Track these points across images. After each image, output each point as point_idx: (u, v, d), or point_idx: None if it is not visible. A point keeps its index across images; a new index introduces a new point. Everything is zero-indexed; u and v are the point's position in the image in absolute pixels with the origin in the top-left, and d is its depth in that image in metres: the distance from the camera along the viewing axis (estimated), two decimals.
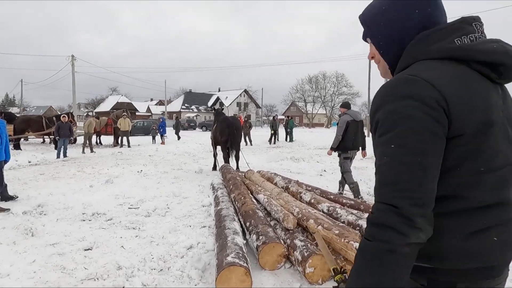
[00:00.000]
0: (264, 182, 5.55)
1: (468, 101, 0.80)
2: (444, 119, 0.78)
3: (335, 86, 64.55)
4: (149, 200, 5.76)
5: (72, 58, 33.13)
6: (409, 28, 0.92)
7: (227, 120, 8.40)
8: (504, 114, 0.87)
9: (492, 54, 0.84)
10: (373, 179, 1.96)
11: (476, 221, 0.82)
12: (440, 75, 0.82)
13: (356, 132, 5.83)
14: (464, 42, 0.86)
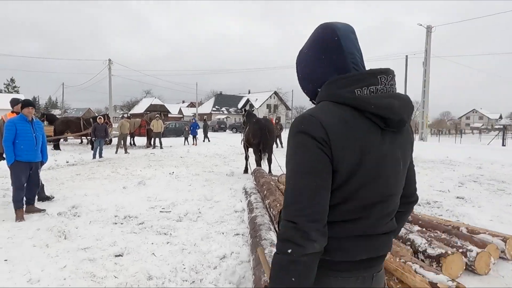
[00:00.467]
0: None
1: (347, 143, 0.94)
2: (329, 153, 0.93)
3: None
4: (181, 204, 5.64)
5: (109, 62, 34.39)
6: (320, 72, 1.08)
7: (260, 122, 8.18)
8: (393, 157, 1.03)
9: (382, 110, 0.97)
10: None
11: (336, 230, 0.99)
12: (334, 119, 0.96)
13: None
14: (363, 93, 0.98)
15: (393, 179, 1.06)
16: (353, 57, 1.07)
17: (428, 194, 6.82)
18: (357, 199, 1.00)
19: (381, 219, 1.07)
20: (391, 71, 1.05)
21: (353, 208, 1.01)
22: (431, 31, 24.35)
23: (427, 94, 25.00)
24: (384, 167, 1.02)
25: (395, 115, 0.99)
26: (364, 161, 0.97)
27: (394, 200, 1.09)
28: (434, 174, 9.21)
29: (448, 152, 14.87)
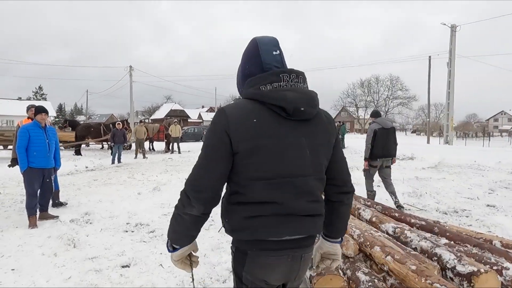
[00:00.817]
0: None
1: (243, 128, 1.17)
2: (227, 140, 1.17)
3: (389, 89, 61.41)
4: None
5: (130, 69, 35.10)
6: (243, 75, 1.34)
7: None
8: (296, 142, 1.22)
9: (278, 100, 1.18)
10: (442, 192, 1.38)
11: (250, 210, 1.21)
12: (237, 110, 1.20)
13: (387, 140, 5.78)
14: (267, 89, 1.20)
15: (298, 161, 1.22)
16: (268, 67, 1.27)
17: (456, 201, 6.41)
18: (264, 178, 1.19)
19: (295, 199, 1.22)
20: (294, 70, 1.25)
21: (262, 188, 1.19)
22: (456, 30, 23.48)
23: (452, 96, 24.08)
24: (285, 150, 1.20)
25: (289, 104, 1.17)
26: (261, 144, 1.17)
27: (306, 181, 1.24)
28: (461, 180, 8.71)
29: (476, 156, 14.15)
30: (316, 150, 1.27)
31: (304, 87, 1.26)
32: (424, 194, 6.96)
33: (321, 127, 1.30)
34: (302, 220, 1.23)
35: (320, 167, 1.29)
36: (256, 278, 1.25)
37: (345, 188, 1.38)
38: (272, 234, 1.21)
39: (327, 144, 1.31)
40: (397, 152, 15.11)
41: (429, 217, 5.30)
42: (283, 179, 1.20)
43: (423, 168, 11.17)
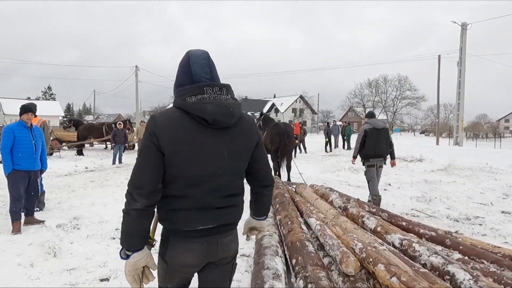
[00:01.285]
0: (318, 200, 4.69)
1: (168, 134, 1.36)
2: (156, 142, 1.36)
3: (398, 90, 60.49)
4: None
5: (135, 68, 35.08)
6: (176, 84, 1.52)
7: (278, 126, 7.66)
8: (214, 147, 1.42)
9: (199, 112, 1.37)
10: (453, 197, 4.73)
11: (172, 204, 1.43)
12: (165, 118, 1.40)
13: (377, 140, 5.78)
14: (191, 101, 1.38)
15: (216, 164, 1.43)
16: (198, 78, 1.44)
17: (467, 207, 6.02)
18: (184, 177, 1.40)
19: (210, 194, 1.43)
20: (218, 84, 1.44)
21: (183, 185, 1.40)
22: (466, 28, 22.89)
23: (463, 96, 23.48)
24: (204, 154, 1.40)
25: (208, 116, 1.37)
26: (183, 149, 1.37)
27: (222, 180, 1.45)
28: (473, 184, 8.30)
29: (488, 158, 13.66)
30: (235, 154, 1.48)
31: (226, 99, 1.44)
32: (434, 199, 6.58)
33: (241, 133, 1.51)
34: (216, 212, 1.46)
35: (238, 168, 1.53)
36: (176, 261, 1.46)
37: (265, 182, 1.68)
38: (188, 225, 1.43)
39: (246, 148, 1.54)
40: (405, 154, 14.72)
41: (439, 224, 4.94)
42: (201, 178, 1.43)
43: (432, 171, 10.76)
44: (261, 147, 1.62)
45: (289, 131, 7.74)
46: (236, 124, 1.48)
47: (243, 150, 1.52)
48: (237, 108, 1.47)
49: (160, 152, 1.37)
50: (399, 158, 14.16)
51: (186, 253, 1.45)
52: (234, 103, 1.46)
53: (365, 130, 5.88)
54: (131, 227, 1.38)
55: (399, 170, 10.80)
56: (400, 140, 32.11)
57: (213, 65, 1.53)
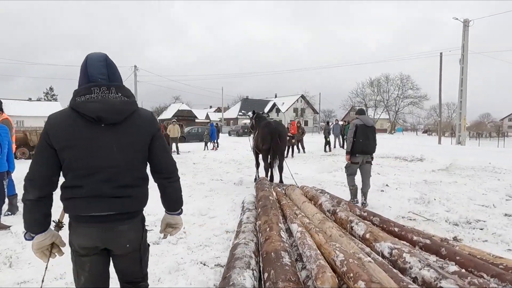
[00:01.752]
0: (305, 204, 4.35)
1: (58, 132, 1.54)
2: (48, 140, 1.55)
3: (400, 89, 59.91)
4: None
5: (134, 68, 34.82)
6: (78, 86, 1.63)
7: (270, 125, 7.30)
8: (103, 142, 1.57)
9: (85, 110, 1.52)
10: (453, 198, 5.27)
11: (68, 193, 1.59)
12: (58, 116, 1.58)
13: (367, 137, 5.82)
14: (80, 100, 1.53)
15: (104, 156, 1.58)
16: (94, 78, 1.59)
17: (468, 209, 5.66)
18: (76, 169, 1.56)
19: (102, 184, 1.58)
20: (105, 84, 1.57)
21: (76, 176, 1.57)
22: (468, 25, 22.44)
23: (465, 94, 23.03)
24: (94, 148, 1.56)
25: (92, 114, 1.52)
26: (73, 144, 1.54)
27: (113, 171, 1.60)
28: (474, 184, 7.92)
29: (491, 157, 13.25)
30: (125, 148, 1.61)
31: (115, 97, 1.57)
32: (433, 201, 6.21)
33: (133, 128, 1.63)
34: (108, 201, 1.59)
35: (130, 161, 1.64)
36: (76, 244, 1.63)
37: (165, 174, 1.78)
38: (81, 211, 1.59)
39: (139, 141, 1.66)
40: (406, 153, 14.33)
41: (437, 229, 4.59)
42: (92, 169, 1.56)
43: (433, 171, 10.37)
44: (158, 140, 1.74)
45: (281, 130, 7.38)
46: (127, 120, 1.61)
47: (135, 144, 1.65)
48: (127, 105, 1.61)
49: (52, 149, 1.56)
50: (399, 158, 13.82)
51: (83, 236, 1.63)
52: (122, 101, 1.59)
53: (356, 125, 5.87)
54: (28, 215, 1.58)
55: (398, 170, 10.45)
56: (402, 140, 31.71)
57: (111, 66, 1.65)
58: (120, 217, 1.62)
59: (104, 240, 1.62)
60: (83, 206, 1.58)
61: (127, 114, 1.60)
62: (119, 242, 1.65)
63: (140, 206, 1.71)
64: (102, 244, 1.64)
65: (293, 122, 15.00)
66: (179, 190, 1.89)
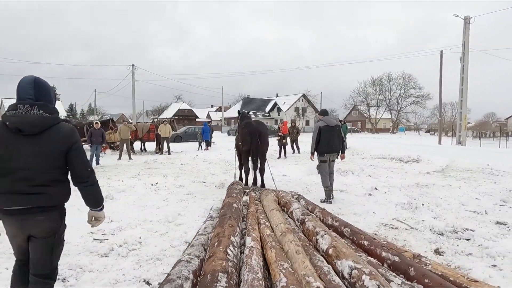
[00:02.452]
0: (273, 212, 3.97)
1: None
2: None
3: (402, 88, 59.29)
4: (131, 228, 4.54)
5: (132, 68, 34.57)
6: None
7: (250, 125, 6.92)
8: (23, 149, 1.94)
9: (9, 122, 1.91)
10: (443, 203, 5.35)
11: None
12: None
13: (331, 137, 6.12)
14: (8, 114, 1.93)
15: (20, 160, 1.93)
16: (22, 97, 1.97)
17: (458, 216, 5.26)
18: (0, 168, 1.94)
19: (18, 183, 1.93)
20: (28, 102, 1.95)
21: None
22: (469, 22, 21.91)
23: (465, 93, 22.50)
24: (12, 152, 1.92)
25: (12, 125, 1.91)
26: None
27: (29, 173, 1.94)
28: (469, 188, 7.50)
29: (490, 158, 12.79)
30: (40, 154, 1.97)
31: (36, 114, 1.95)
32: (421, 207, 5.82)
33: (49, 139, 1.99)
34: (23, 197, 1.94)
35: (45, 165, 1.99)
36: (6, 231, 2.10)
37: (79, 179, 2.14)
38: (4, 205, 1.97)
39: (54, 151, 2.01)
40: (401, 153, 13.90)
41: (419, 239, 4.21)
42: (9, 170, 1.93)
43: (427, 173, 9.96)
44: (75, 151, 2.08)
45: (262, 130, 6.98)
46: (45, 132, 1.98)
47: (49, 152, 1.99)
48: (45, 120, 1.97)
49: None
50: (394, 159, 13.39)
51: (8, 226, 2.06)
52: (41, 116, 1.96)
53: (319, 127, 6.16)
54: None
55: (391, 172, 10.04)
56: (402, 140, 31.19)
57: (40, 88, 2.03)
58: (35, 210, 1.98)
59: (25, 229, 2.03)
60: (4, 201, 1.96)
61: (45, 128, 1.98)
62: (38, 230, 2.03)
63: (56, 202, 2.07)
64: (24, 232, 2.04)
65: (284, 122, 14.61)
66: (95, 192, 2.23)
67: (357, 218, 5.27)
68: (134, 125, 16.67)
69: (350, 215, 5.49)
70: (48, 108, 2.00)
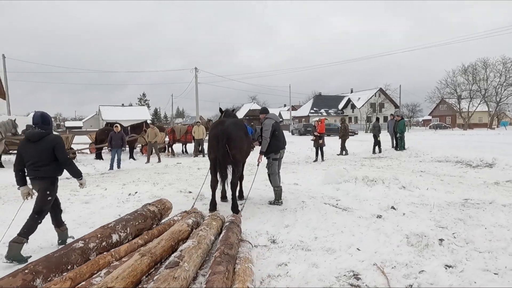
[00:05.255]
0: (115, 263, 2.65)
1: (19, 146, 3.96)
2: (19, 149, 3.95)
3: (502, 75, 50.12)
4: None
5: (195, 71, 35.44)
6: None
7: (218, 126, 5.46)
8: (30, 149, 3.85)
9: (26, 135, 3.88)
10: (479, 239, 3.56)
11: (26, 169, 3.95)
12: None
13: (280, 133, 6.05)
14: (27, 131, 3.94)
15: (32, 155, 3.75)
16: (34, 122, 3.89)
17: (488, 267, 3.22)
18: (25, 161, 3.82)
19: (30, 166, 3.79)
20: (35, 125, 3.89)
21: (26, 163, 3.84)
22: None
23: None
24: (28, 151, 3.77)
25: (26, 137, 3.85)
26: (22, 150, 3.83)
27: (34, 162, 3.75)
28: None
29: None
30: (39, 151, 3.73)
31: (37, 130, 3.80)
32: (436, 244, 3.83)
33: (42, 143, 3.76)
34: (33, 172, 3.74)
35: (42, 158, 3.74)
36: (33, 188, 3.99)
37: (62, 164, 3.86)
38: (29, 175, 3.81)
39: (45, 149, 3.75)
40: (473, 155, 10.93)
41: None
42: (27, 161, 3.76)
43: (495, 183, 7.32)
44: (57, 149, 3.82)
45: (232, 132, 5.30)
46: (41, 140, 3.77)
47: (44, 150, 3.75)
48: (41, 133, 3.79)
49: (20, 153, 3.81)
50: (460, 162, 10.48)
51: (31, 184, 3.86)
52: (39, 132, 3.79)
53: (273, 124, 5.95)
54: (16, 178, 3.83)
55: (440, 181, 7.65)
56: (493, 137, 25.63)
57: (42, 118, 3.89)
58: (40, 178, 3.78)
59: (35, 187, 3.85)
60: (28, 174, 3.81)
61: (41, 137, 3.79)
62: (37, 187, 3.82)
63: (50, 175, 3.83)
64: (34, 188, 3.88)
65: (322, 119, 12.73)
66: (73, 170, 4.00)
67: (323, 258, 3.61)
68: (172, 128, 16.48)
69: (318, 250, 3.84)
70: (44, 127, 3.83)
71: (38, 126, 3.77)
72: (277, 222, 4.98)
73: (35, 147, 3.72)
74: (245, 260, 2.96)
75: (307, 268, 3.38)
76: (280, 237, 4.31)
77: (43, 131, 3.76)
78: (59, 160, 3.78)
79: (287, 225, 4.80)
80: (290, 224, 4.86)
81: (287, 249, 3.92)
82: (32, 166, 3.70)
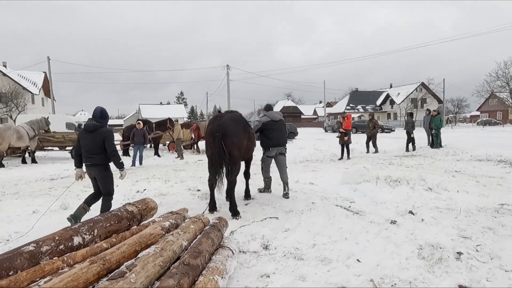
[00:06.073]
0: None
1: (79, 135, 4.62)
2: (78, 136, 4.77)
3: None
4: None
5: (227, 68, 35.52)
6: None
7: (214, 121, 5.14)
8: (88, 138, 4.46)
9: (84, 126, 4.54)
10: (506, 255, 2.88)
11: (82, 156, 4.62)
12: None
13: (276, 130, 6.07)
14: (85, 123, 4.58)
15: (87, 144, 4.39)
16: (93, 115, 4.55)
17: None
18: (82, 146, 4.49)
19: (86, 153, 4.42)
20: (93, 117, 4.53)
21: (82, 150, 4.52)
22: None
23: None
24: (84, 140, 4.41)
25: (84, 127, 4.48)
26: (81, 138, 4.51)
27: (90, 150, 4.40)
28: None
29: None
30: (94, 141, 4.32)
31: (93, 123, 4.40)
32: (451, 258, 3.24)
33: (96, 133, 4.33)
34: (89, 159, 4.36)
35: (96, 146, 4.33)
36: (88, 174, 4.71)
37: (109, 154, 4.37)
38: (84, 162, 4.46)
39: (99, 139, 4.31)
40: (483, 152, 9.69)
41: None
42: (83, 148, 4.39)
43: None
44: (106, 139, 4.34)
45: (229, 128, 4.95)
46: (96, 130, 4.33)
47: (97, 140, 4.30)
48: (96, 125, 4.36)
49: (79, 141, 4.49)
50: (503, 162, 9.35)
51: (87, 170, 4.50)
52: (94, 124, 4.36)
53: (264, 122, 6.06)
54: (74, 161, 4.56)
55: (476, 183, 6.80)
56: None
57: (100, 112, 4.46)
58: (94, 165, 4.35)
59: (92, 173, 4.44)
60: (84, 161, 4.38)
61: (96, 129, 4.33)
62: (93, 174, 4.45)
63: (102, 162, 4.38)
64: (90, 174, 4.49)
65: (348, 115, 11.99)
66: (116, 161, 4.42)
67: (315, 269, 3.18)
68: (197, 124, 16.46)
69: (312, 260, 3.40)
70: (99, 120, 4.39)
71: (96, 119, 4.38)
72: (277, 225, 4.57)
73: (90, 137, 4.31)
74: (213, 271, 2.60)
75: (291, 281, 2.96)
76: (275, 242, 3.91)
77: (98, 123, 4.35)
78: (106, 150, 4.31)
79: (287, 229, 4.38)
80: (291, 228, 4.43)
81: (278, 257, 3.51)
82: (87, 153, 4.33)
